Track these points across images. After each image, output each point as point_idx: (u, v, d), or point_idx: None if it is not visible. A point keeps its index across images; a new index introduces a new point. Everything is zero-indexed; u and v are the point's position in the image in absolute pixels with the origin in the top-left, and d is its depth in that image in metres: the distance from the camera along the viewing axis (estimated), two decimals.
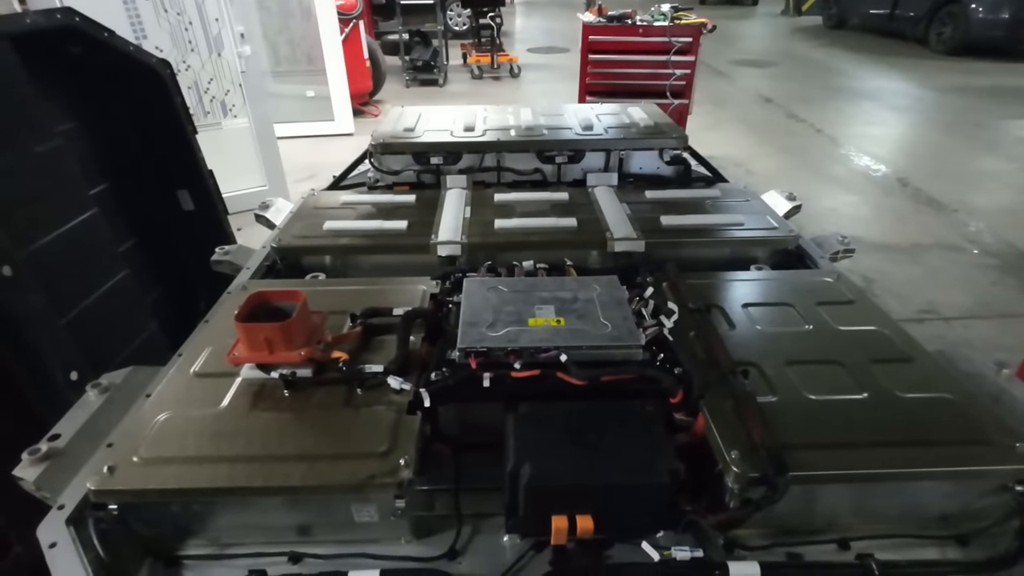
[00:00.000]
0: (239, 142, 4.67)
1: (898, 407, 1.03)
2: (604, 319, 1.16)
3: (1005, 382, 1.16)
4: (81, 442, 1.05)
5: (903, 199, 5.05)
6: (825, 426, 0.99)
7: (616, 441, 0.97)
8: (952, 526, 1.00)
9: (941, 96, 7.98)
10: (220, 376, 1.11)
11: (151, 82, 2.37)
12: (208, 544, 0.98)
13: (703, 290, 1.37)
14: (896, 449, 0.95)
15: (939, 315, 3.50)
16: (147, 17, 3.95)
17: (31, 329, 1.77)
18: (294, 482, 0.90)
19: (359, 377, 1.09)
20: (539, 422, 1.01)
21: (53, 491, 0.96)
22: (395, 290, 1.38)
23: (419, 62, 8.55)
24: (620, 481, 0.91)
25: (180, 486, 0.90)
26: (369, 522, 0.96)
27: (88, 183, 2.24)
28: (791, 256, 1.66)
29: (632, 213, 1.75)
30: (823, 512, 0.99)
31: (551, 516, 0.91)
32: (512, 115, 2.25)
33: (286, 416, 1.03)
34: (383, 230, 1.68)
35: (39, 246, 1.91)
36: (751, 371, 1.11)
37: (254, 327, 1.05)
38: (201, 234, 2.69)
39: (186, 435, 0.98)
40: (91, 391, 1.16)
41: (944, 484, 0.97)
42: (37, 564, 1.86)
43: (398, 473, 0.90)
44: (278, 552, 0.96)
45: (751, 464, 0.90)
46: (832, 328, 1.25)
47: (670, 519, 0.95)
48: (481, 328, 1.14)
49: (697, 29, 4.55)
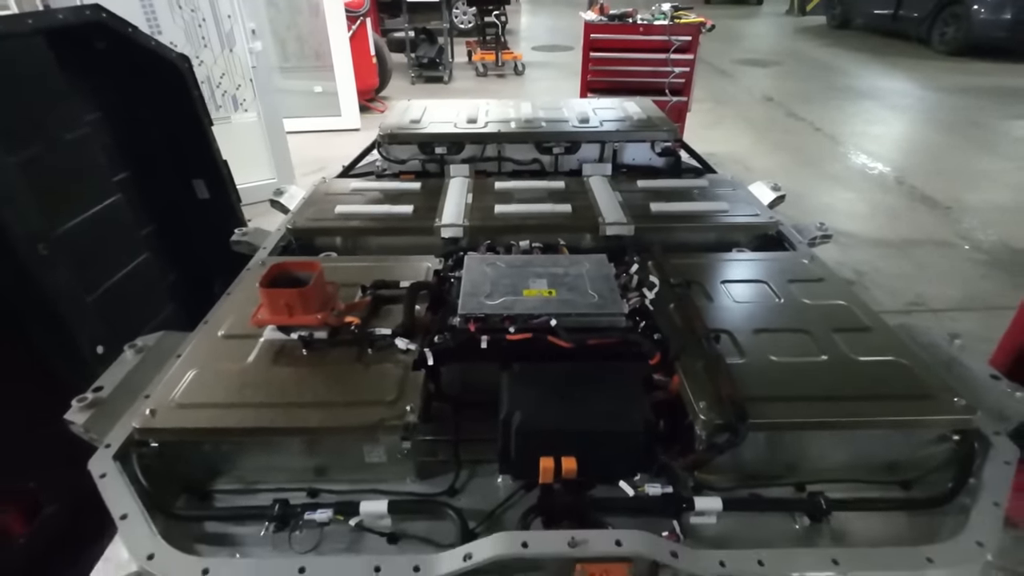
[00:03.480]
0: (249, 136, 4.80)
1: (853, 368, 1.15)
2: (591, 291, 1.28)
3: (957, 352, 1.28)
4: (121, 393, 1.17)
5: (898, 196, 5.15)
6: (786, 383, 1.11)
7: (598, 395, 1.09)
8: (898, 473, 1.12)
9: (942, 96, 8.05)
10: (244, 338, 1.24)
11: (171, 76, 2.49)
12: (236, 482, 1.11)
13: (685, 268, 1.48)
14: (847, 402, 1.07)
15: (928, 307, 3.60)
16: (162, 13, 4.08)
17: (62, 304, 1.90)
18: (313, 424, 1.03)
19: (370, 339, 1.21)
20: (530, 379, 1.13)
21: (99, 433, 1.08)
22: (402, 266, 1.50)
23: (425, 59, 8.67)
24: (600, 427, 1.03)
25: (212, 426, 1.03)
26: (378, 463, 1.08)
27: (111, 170, 2.37)
28: (772, 240, 1.78)
29: (624, 200, 1.86)
30: (782, 459, 1.11)
31: (539, 458, 1.03)
32: (512, 109, 2.37)
33: (305, 371, 1.15)
34: (390, 214, 1.80)
35: (68, 227, 2.04)
36: (723, 337, 1.23)
37: (276, 292, 1.18)
38: (215, 222, 2.82)
39: (216, 386, 1.11)
40: (128, 351, 1.28)
41: (891, 434, 1.08)
42: (65, 526, 2.00)
43: (404, 417, 1.03)
44: (298, 488, 1.08)
45: (717, 413, 1.02)
46: (801, 302, 1.36)
47: (645, 463, 1.07)
48: (480, 297, 1.26)
49: (696, 28, 4.65)
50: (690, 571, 0.86)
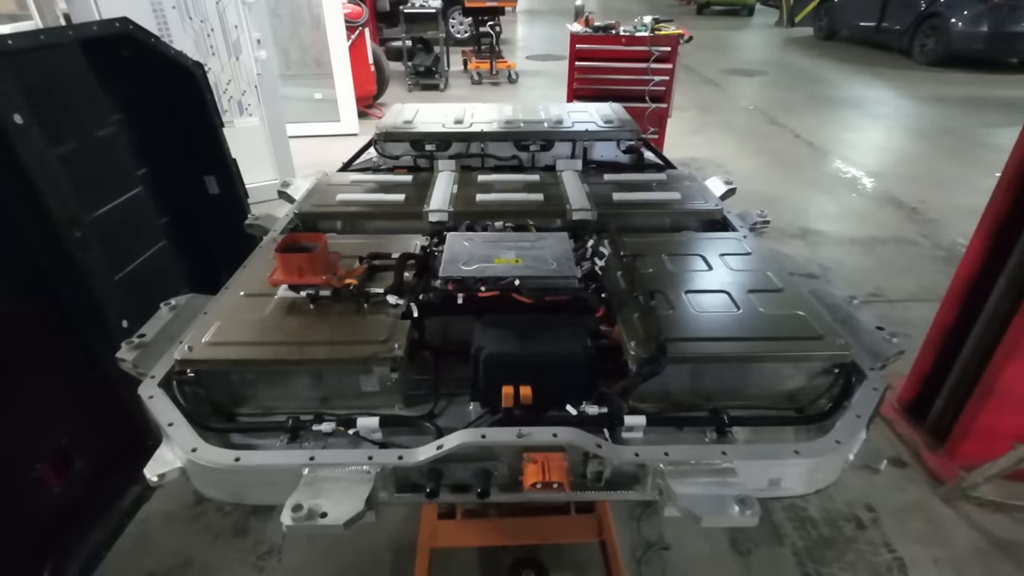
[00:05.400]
0: (253, 139, 5.07)
1: (761, 319, 1.41)
2: (551, 259, 1.54)
3: (853, 310, 1.54)
4: (160, 339, 1.42)
5: (868, 198, 5.44)
6: (703, 329, 1.37)
7: (550, 335, 1.35)
8: (796, 402, 1.37)
9: (919, 105, 8.38)
10: (261, 296, 1.49)
11: (187, 81, 2.75)
12: (256, 408, 1.36)
13: (636, 245, 1.74)
14: (750, 342, 1.32)
15: (885, 298, 3.88)
16: (174, 24, 4.36)
17: (93, 282, 2.15)
18: (319, 356, 1.28)
19: (365, 296, 1.47)
20: (496, 324, 1.39)
21: (146, 368, 1.33)
22: (394, 242, 1.75)
23: (421, 67, 8.98)
24: (548, 354, 1.29)
25: (240, 357, 1.28)
26: (372, 392, 1.34)
27: (134, 165, 2.63)
28: (717, 225, 2.04)
29: (591, 191, 2.12)
30: (700, 390, 1.36)
31: (501, 386, 1.28)
32: (495, 111, 2.64)
33: (312, 320, 1.40)
34: (385, 201, 2.06)
35: (99, 215, 2.30)
36: (659, 296, 1.49)
37: (289, 256, 1.43)
38: (224, 216, 3.07)
39: (240, 330, 1.36)
40: (163, 307, 1.54)
41: (786, 367, 1.34)
42: (93, 478, 2.24)
43: (393, 352, 1.28)
44: (306, 413, 1.33)
45: (643, 349, 1.28)
46: (727, 270, 1.62)
47: (587, 390, 1.32)
48: (458, 264, 1.51)
49: (675, 39, 4.95)
50: (610, 459, 1.11)
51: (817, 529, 2.38)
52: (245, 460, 1.11)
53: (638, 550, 2.27)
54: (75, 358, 2.18)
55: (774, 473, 1.15)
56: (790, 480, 1.17)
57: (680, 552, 2.26)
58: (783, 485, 1.17)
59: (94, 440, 2.23)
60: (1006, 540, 2.34)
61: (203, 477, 1.15)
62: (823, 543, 2.32)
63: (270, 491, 1.13)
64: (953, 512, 2.45)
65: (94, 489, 2.25)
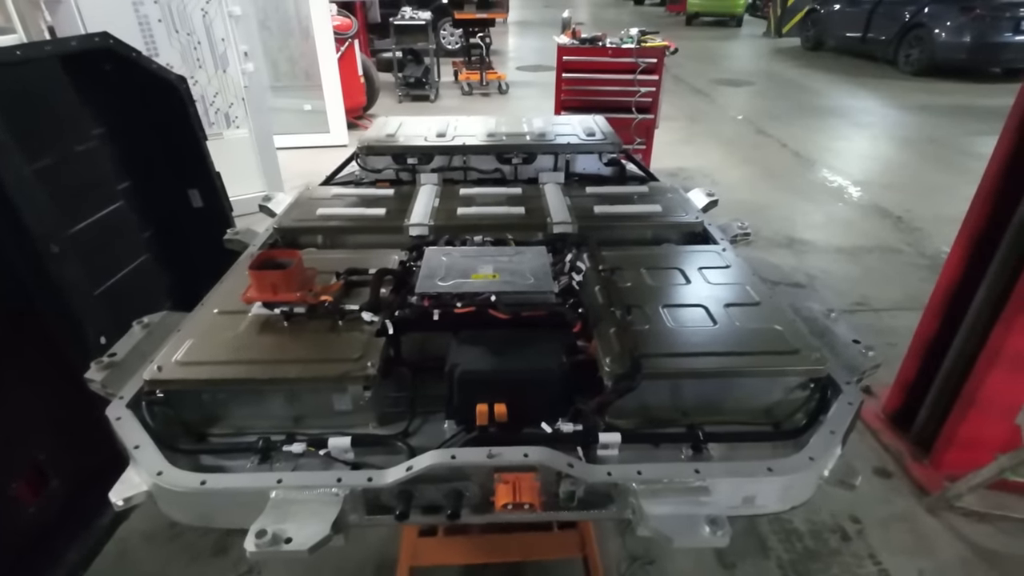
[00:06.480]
0: (241, 151, 5.05)
1: (737, 333, 1.40)
2: (529, 274, 1.53)
3: (831, 323, 1.54)
4: (132, 358, 1.40)
5: (853, 207, 5.48)
6: (679, 344, 1.36)
7: (525, 352, 1.34)
8: (773, 416, 1.37)
9: (904, 114, 8.48)
10: (235, 313, 1.48)
11: (169, 95, 2.75)
12: (227, 428, 1.34)
13: (615, 259, 1.74)
14: (726, 357, 1.32)
15: (870, 307, 3.89)
16: (160, 37, 4.36)
17: (72, 297, 2.13)
18: (291, 375, 1.26)
19: (340, 313, 1.46)
20: (472, 341, 1.38)
21: (115, 388, 1.31)
22: (372, 257, 1.74)
23: (411, 79, 9.01)
24: (522, 371, 1.28)
25: (209, 378, 1.26)
26: (345, 411, 1.32)
27: (116, 179, 2.61)
28: (698, 237, 2.04)
29: (572, 204, 2.12)
30: (678, 405, 1.36)
31: (476, 404, 1.27)
32: (478, 124, 2.64)
33: (286, 338, 1.39)
34: (366, 215, 2.05)
35: (78, 229, 2.28)
36: (636, 311, 1.49)
37: (263, 273, 1.42)
38: (208, 229, 3.05)
39: (213, 348, 1.34)
40: (136, 326, 1.52)
41: (762, 382, 1.34)
42: (70, 496, 2.20)
43: (366, 370, 1.27)
44: (278, 433, 1.31)
45: (619, 365, 1.27)
46: (704, 283, 1.62)
47: (562, 407, 1.31)
48: (435, 280, 1.50)
49: (661, 51, 5.00)
50: (583, 478, 1.10)
51: (802, 541, 2.37)
52: (211, 483, 1.09)
53: (622, 564, 2.25)
54: (52, 374, 2.15)
55: (748, 490, 1.14)
56: (764, 497, 1.16)
57: (664, 566, 2.25)
58: (757, 502, 1.16)
59: (70, 458, 2.20)
60: (990, 550, 2.34)
61: (170, 501, 1.13)
62: (808, 555, 2.31)
63: (238, 514, 1.11)
64: (938, 522, 2.45)
65: (70, 507, 2.21)
